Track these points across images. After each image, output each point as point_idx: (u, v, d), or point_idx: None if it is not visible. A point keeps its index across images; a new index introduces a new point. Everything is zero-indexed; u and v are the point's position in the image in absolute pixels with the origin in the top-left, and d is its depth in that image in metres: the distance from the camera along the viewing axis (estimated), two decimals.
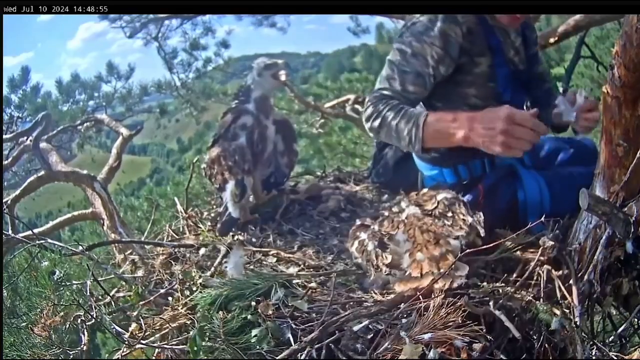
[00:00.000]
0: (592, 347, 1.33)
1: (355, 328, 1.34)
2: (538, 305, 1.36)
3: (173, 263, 2.03)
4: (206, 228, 2.31)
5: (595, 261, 1.40)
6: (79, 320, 1.95)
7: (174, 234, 2.34)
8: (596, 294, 1.40)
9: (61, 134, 5.04)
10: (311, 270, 1.86)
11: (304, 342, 1.32)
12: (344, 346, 1.32)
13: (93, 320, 1.88)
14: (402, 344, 1.24)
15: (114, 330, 1.76)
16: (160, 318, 1.70)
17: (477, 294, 1.39)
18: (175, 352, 1.64)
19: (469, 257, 1.45)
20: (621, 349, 1.56)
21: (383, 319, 1.38)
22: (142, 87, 6.15)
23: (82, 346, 1.94)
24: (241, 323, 1.44)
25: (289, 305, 1.46)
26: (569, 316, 1.33)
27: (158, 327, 1.70)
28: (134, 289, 1.90)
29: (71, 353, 1.90)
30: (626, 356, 1.34)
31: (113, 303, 1.97)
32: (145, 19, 6.06)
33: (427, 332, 1.25)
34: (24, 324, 1.95)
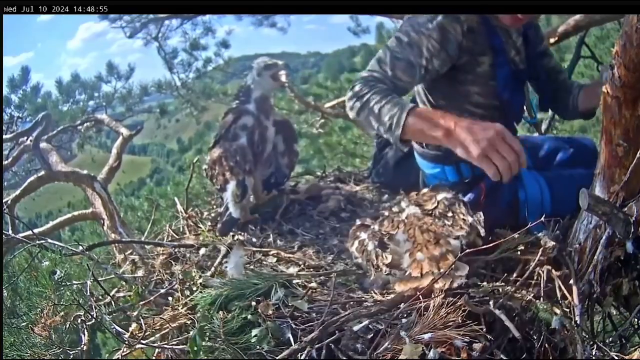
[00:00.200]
0: (592, 347, 1.33)
1: (355, 328, 1.34)
2: (538, 304, 1.36)
3: (173, 263, 2.03)
4: (206, 228, 2.31)
5: (595, 261, 1.40)
6: (79, 320, 1.96)
7: (174, 234, 2.34)
8: (596, 294, 1.40)
9: (61, 134, 5.03)
10: (311, 270, 1.86)
11: (304, 342, 1.32)
12: (344, 346, 1.32)
13: (93, 320, 1.88)
14: (402, 343, 1.24)
15: (114, 330, 1.77)
16: (161, 318, 1.70)
17: (477, 293, 1.39)
18: (175, 352, 1.64)
19: (469, 257, 1.45)
20: (621, 349, 1.56)
21: (383, 318, 1.38)
22: (142, 87, 6.14)
23: (82, 346, 1.94)
24: (241, 323, 1.44)
25: (289, 305, 1.46)
26: (569, 315, 1.33)
27: (158, 327, 1.70)
28: (134, 289, 1.90)
29: (71, 353, 1.91)
30: (626, 356, 1.34)
31: (113, 303, 1.98)
32: (145, 19, 6.05)
33: (427, 332, 1.25)
34: (24, 323, 1.95)
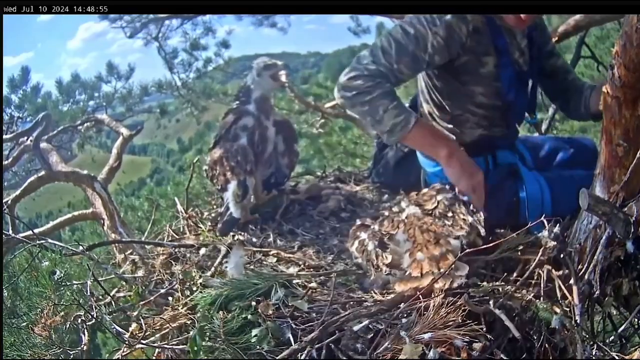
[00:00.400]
0: (593, 347, 1.33)
1: (355, 328, 1.34)
2: (538, 304, 1.36)
3: (173, 263, 2.03)
4: (206, 228, 2.31)
5: (596, 261, 1.40)
6: (80, 320, 1.96)
7: (174, 234, 2.34)
8: (596, 294, 1.40)
9: (61, 134, 5.03)
10: (311, 270, 1.86)
11: (304, 342, 1.32)
12: (344, 346, 1.32)
13: (93, 320, 1.88)
14: (402, 343, 1.25)
15: (114, 330, 1.77)
16: (161, 318, 1.69)
17: (477, 293, 1.39)
18: (175, 352, 1.64)
19: (469, 257, 1.45)
20: (621, 349, 1.57)
21: (383, 318, 1.38)
22: (142, 87, 6.14)
23: (83, 346, 1.94)
24: (241, 323, 1.44)
25: (289, 305, 1.46)
26: (569, 315, 1.33)
27: (158, 327, 1.70)
28: (134, 289, 1.90)
29: (71, 353, 1.91)
30: (626, 356, 1.34)
31: (113, 303, 1.97)
32: (145, 19, 6.05)
33: (427, 332, 1.25)
34: (24, 323, 1.95)
